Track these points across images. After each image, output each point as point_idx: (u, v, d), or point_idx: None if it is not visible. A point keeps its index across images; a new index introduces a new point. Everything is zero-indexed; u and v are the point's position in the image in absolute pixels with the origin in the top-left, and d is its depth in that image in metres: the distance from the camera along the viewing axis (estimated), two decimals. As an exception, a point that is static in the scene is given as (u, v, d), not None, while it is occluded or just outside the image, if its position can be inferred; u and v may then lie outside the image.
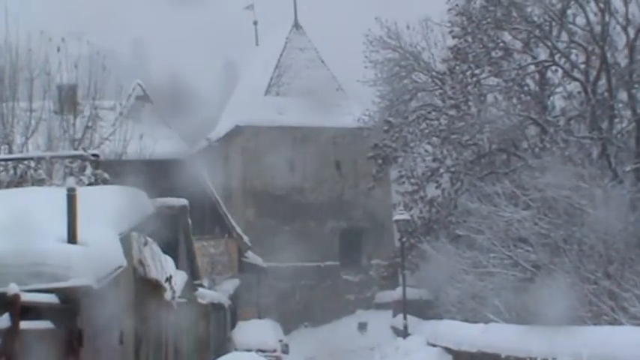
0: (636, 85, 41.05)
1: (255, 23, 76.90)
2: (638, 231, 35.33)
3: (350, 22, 71.01)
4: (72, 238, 12.29)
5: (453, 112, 46.83)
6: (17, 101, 33.70)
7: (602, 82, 41.79)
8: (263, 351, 39.49)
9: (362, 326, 58.55)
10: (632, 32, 40.88)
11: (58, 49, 33.65)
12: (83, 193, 13.26)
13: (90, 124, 34.92)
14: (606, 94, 41.66)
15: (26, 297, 10.64)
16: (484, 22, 44.52)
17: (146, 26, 62.39)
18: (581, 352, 25.17)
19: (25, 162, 26.78)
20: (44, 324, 10.95)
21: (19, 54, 33.46)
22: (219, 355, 34.21)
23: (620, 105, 41.63)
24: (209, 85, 72.40)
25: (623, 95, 41.51)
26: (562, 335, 27.76)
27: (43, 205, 13.33)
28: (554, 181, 36.89)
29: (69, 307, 11.37)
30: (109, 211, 14.03)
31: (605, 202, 35.82)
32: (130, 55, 45.44)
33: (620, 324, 27.98)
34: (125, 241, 14.71)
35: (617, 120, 41.38)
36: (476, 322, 37.39)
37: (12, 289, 10.45)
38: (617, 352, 23.26)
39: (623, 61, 41.45)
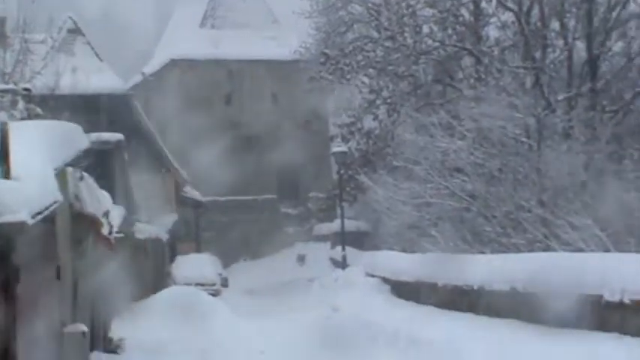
0: (568, 15, 41.27)
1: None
2: (571, 159, 35.74)
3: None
4: (5, 173, 12.32)
5: (389, 44, 46.97)
6: None
7: (535, 11, 41.96)
8: (202, 285, 39.57)
9: (301, 258, 58.85)
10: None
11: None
12: (15, 128, 13.28)
13: (20, 57, 34.71)
14: (539, 23, 41.87)
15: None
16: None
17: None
18: (515, 279, 25.58)
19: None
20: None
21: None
22: (158, 290, 34.34)
23: (553, 34, 41.86)
24: (143, 17, 71.77)
25: (555, 25, 41.74)
26: (497, 262, 28.18)
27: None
28: (489, 111, 37.18)
29: (3, 243, 11.43)
30: (43, 146, 14.04)
31: (539, 131, 36.26)
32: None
33: (554, 250, 28.38)
34: (60, 176, 14.74)
35: (549, 49, 41.62)
36: (413, 252, 37.77)
37: None
38: (549, 277, 23.64)
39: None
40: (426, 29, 47.01)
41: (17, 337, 11.78)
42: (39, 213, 12.26)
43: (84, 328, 15.66)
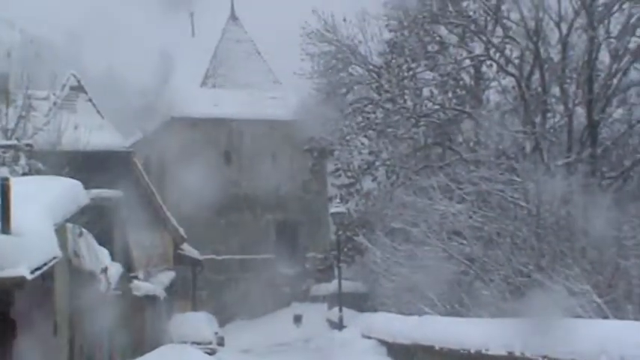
0: (568, 81, 41.46)
1: (192, 14, 76.81)
2: (569, 225, 35.73)
3: (287, 15, 71.06)
4: (5, 228, 12.33)
5: (389, 106, 47.10)
6: None
7: (536, 77, 42.17)
8: (198, 343, 39.49)
9: (297, 319, 58.70)
10: (564, 28, 41.28)
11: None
12: (17, 183, 13.30)
13: (23, 113, 34.82)
14: (539, 89, 42.06)
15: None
16: (420, 16, 44.76)
17: (81, 16, 62.10)
18: (514, 344, 25.50)
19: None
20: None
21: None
22: (154, 347, 34.24)
23: (553, 100, 42.04)
24: (145, 75, 72.06)
25: (555, 90, 41.92)
26: (495, 327, 28.10)
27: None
28: (488, 175, 37.26)
29: (1, 297, 11.42)
30: (44, 202, 14.06)
31: (538, 196, 36.25)
32: (65, 45, 45.09)
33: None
34: (60, 231, 14.74)
35: (549, 115, 41.79)
36: (410, 314, 37.67)
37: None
38: (548, 342, 23.59)
39: (556, 57, 41.82)
40: (426, 92, 47.23)
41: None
42: (38, 268, 12.26)
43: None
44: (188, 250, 57.92)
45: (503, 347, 26.09)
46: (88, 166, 26.88)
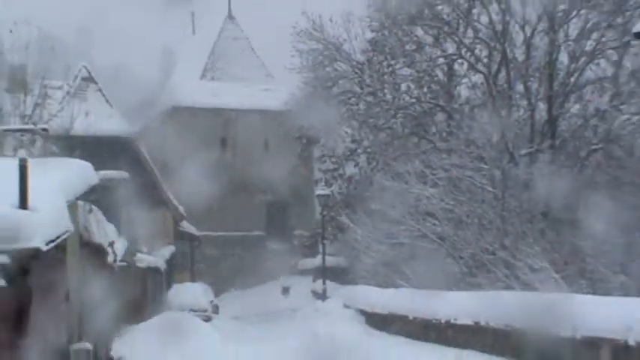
0: (531, 79, 41.54)
1: (192, 14, 76.73)
2: (531, 208, 35.84)
3: (279, 14, 70.98)
4: (22, 204, 12.36)
5: (370, 99, 47.19)
6: None
7: (502, 74, 42.25)
8: (195, 311, 39.47)
9: (285, 290, 58.72)
10: (528, 31, 41.37)
11: (11, 31, 33.64)
12: (33, 164, 13.32)
13: (39, 101, 34.93)
14: (505, 85, 42.14)
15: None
16: (399, 18, 44.81)
17: (90, 14, 61.85)
18: (479, 313, 25.63)
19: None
20: (-4, 282, 11.03)
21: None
22: (155, 314, 34.30)
23: (518, 96, 42.09)
24: (149, 69, 71.98)
25: (520, 87, 41.98)
26: (464, 299, 28.22)
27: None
28: (459, 162, 37.35)
29: (19, 267, 11.44)
30: (57, 181, 14.08)
31: (503, 182, 36.38)
32: (76, 41, 44.99)
33: (513, 289, 28.45)
34: (72, 208, 14.77)
35: (514, 109, 41.79)
36: (387, 287, 37.79)
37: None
38: (508, 312, 23.73)
39: (520, 57, 41.90)
40: (403, 87, 47.27)
41: (28, 353, 11.78)
42: (52, 241, 12.29)
43: (89, 346, 15.66)
44: (187, 226, 57.94)
45: (470, 317, 26.24)
46: (97, 150, 26.90)
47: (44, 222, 12.20)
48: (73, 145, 28.64)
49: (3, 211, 11.89)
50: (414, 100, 46.19)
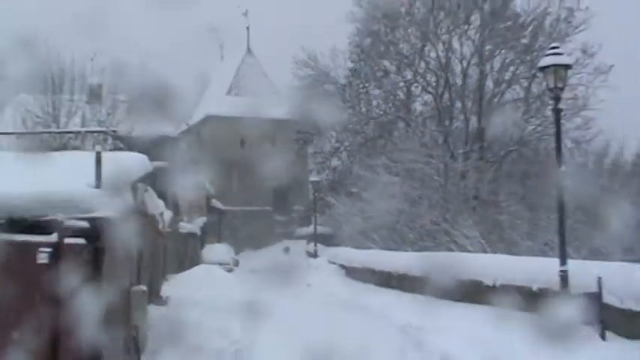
0: (467, 98, 41.68)
1: (222, 45, 76.56)
2: (465, 192, 36.00)
3: (284, 47, 71.17)
4: (98, 185, 12.44)
5: (350, 111, 47.32)
6: (62, 94, 34.17)
7: (446, 95, 42.39)
8: (221, 264, 39.49)
9: (286, 250, 58.67)
10: (464, 64, 41.68)
11: (92, 60, 33.95)
12: (105, 156, 13.40)
13: (110, 111, 35.08)
14: (448, 103, 42.28)
15: (68, 222, 10.78)
16: (372, 52, 44.84)
17: (145, 46, 61.94)
18: (429, 269, 25.69)
19: (67, 134, 26.90)
20: (79, 241, 11.08)
21: (65, 63, 34.03)
22: (192, 266, 34.30)
23: (457, 110, 42.23)
24: (190, 86, 71.98)
25: (458, 104, 42.12)
26: (416, 258, 28.27)
27: (79, 163, 13.45)
28: (414, 158, 37.47)
29: (95, 231, 11.50)
30: (123, 169, 14.12)
31: (445, 172, 36.54)
32: (136, 64, 45.24)
33: (452, 251, 28.57)
34: (133, 188, 14.81)
35: (454, 120, 41.98)
36: (361, 248, 37.89)
37: (60, 216, 10.58)
38: (449, 267, 23.80)
39: (459, 82, 42.05)
40: (374, 103, 47.48)
41: (101, 295, 11.86)
42: (119, 211, 12.34)
43: (144, 288, 15.69)
44: (215, 203, 57.93)
45: (420, 271, 26.30)
46: (151, 146, 26.87)
47: (113, 198, 12.26)
48: (134, 142, 28.63)
49: (84, 190, 11.97)
50: (381, 113, 46.37)
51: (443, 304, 22.05)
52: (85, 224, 11.15)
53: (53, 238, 10.26)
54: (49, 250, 10.00)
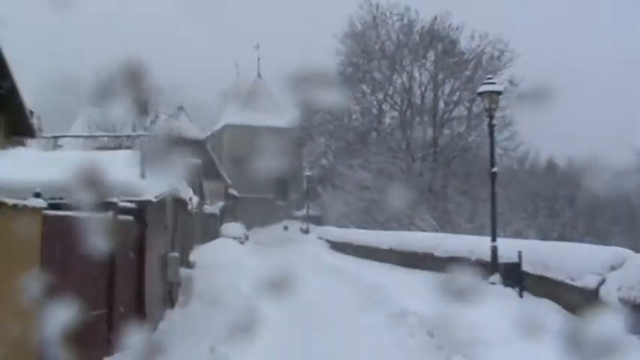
0: (424, 115, 41.84)
1: (238, 73, 76.55)
2: (421, 185, 36.08)
3: (283, 72, 70.80)
4: (143, 175, 12.54)
5: (336, 123, 47.25)
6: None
7: (409, 112, 42.49)
8: (235, 238, 39.56)
9: (285, 228, 58.80)
10: (422, 88, 41.91)
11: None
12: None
13: (153, 119, 35.27)
14: (410, 118, 42.41)
15: (121, 204, 10.88)
16: (353, 79, 44.81)
17: (179, 68, 61.97)
18: (390, 243, 25.84)
19: (121, 137, 27.01)
20: (129, 218, 11.18)
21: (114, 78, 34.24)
22: (213, 239, 34.42)
23: (417, 123, 42.32)
24: (212, 104, 71.99)
25: (418, 119, 42.25)
26: (384, 235, 28.39)
27: (129, 159, 13.54)
28: (383, 159, 37.66)
29: (141, 210, 11.59)
30: (162, 164, 14.20)
31: (407, 171, 36.69)
32: (167, 83, 45.43)
33: (411, 230, 28.71)
34: (170, 178, 14.89)
35: (415, 131, 42.03)
36: (342, 227, 38.00)
37: (114, 200, 10.69)
38: (409, 243, 23.93)
39: (418, 102, 42.22)
40: (354, 116, 47.29)
41: (145, 259, 11.96)
42: (158, 196, 12.42)
43: (177, 254, 15.80)
44: (232, 191, 58.02)
45: (387, 245, 26.46)
46: (186, 146, 26.98)
47: (154, 185, 12.35)
48: (170, 143, 28.80)
49: (133, 179, 12.08)
50: (359, 124, 46.31)
51: (403, 270, 22.22)
52: (133, 205, 11.26)
53: (110, 215, 10.36)
54: (106, 225, 10.09)
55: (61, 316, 7.98)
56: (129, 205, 11.19)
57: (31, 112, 15.03)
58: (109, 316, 10.06)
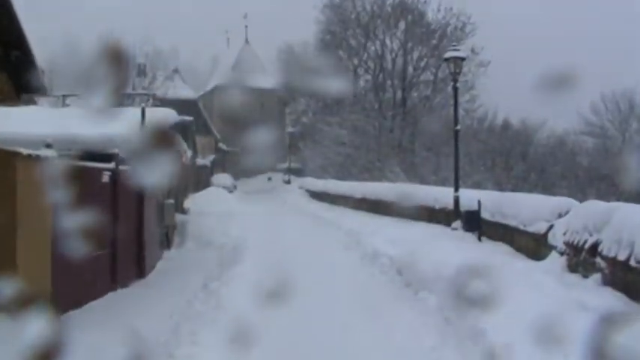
0: (394, 79, 41.74)
1: (228, 39, 75.51)
2: (392, 141, 36.16)
3: (271, 38, 70.27)
4: (143, 129, 12.42)
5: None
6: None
7: (381, 76, 42.31)
8: (224, 187, 39.51)
9: (269, 179, 58.76)
10: (393, 54, 41.76)
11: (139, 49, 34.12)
12: (149, 111, 13.35)
13: (150, 80, 35.07)
14: (382, 81, 42.31)
15: (122, 154, 10.77)
16: (331, 45, 44.31)
17: (176, 33, 60.86)
18: (364, 193, 25.93)
19: (122, 96, 26.65)
20: (126, 167, 11.08)
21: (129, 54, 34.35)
22: (204, 188, 34.32)
23: (388, 86, 42.22)
24: (208, 65, 71.20)
25: (389, 82, 42.14)
26: (357, 185, 28.48)
27: (130, 115, 13.39)
28: (357, 117, 37.59)
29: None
30: (160, 119, 14.08)
31: (380, 128, 36.65)
32: (168, 49, 44.76)
33: (381, 181, 28.79)
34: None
35: (386, 93, 42.00)
36: (320, 178, 38.06)
37: (115, 150, 10.57)
38: (380, 192, 24.01)
39: (389, 67, 42.06)
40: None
41: (145, 204, 11.89)
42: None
43: (172, 201, 15.75)
44: (221, 145, 57.75)
45: (361, 194, 26.56)
46: (178, 106, 26.69)
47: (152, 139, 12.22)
48: (166, 103, 28.51)
49: (133, 132, 11.93)
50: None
51: (374, 216, 22.35)
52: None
53: (112, 165, 10.26)
54: (109, 173, 10.01)
55: (69, 253, 7.95)
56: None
57: (42, 72, 14.75)
58: (112, 256, 10.04)
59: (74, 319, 7.45)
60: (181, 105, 36.72)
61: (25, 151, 6.91)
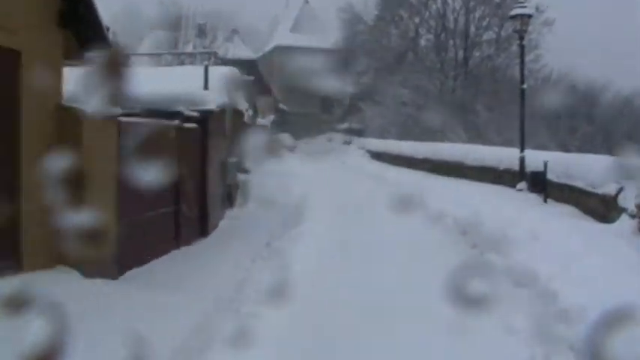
0: (456, 38, 40.82)
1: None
2: (454, 102, 35.42)
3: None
4: (206, 87, 12.40)
5: (375, 44, 46.34)
6: (180, 30, 34.70)
7: (443, 35, 41.35)
8: (286, 146, 39.62)
9: (330, 139, 58.50)
10: (455, 14, 41.16)
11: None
12: (211, 69, 13.31)
13: (212, 40, 35.27)
14: (444, 40, 41.49)
15: (186, 112, 10.79)
16: (392, 4, 43.48)
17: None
18: (426, 153, 25.45)
19: (183, 55, 26.86)
20: (193, 125, 11.10)
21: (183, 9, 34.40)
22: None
23: (450, 45, 41.26)
24: (266, 27, 71.03)
25: (451, 42, 41.16)
26: (420, 146, 28.08)
27: (194, 74, 13.39)
28: (419, 77, 36.99)
29: (204, 118, 11.51)
30: (222, 77, 14.04)
31: (441, 88, 35.98)
32: (230, 9, 44.86)
33: (443, 142, 28.20)
34: (229, 91, 14.74)
35: (448, 52, 41.08)
36: (382, 139, 37.76)
37: (181, 109, 10.60)
38: (443, 152, 23.48)
39: (451, 27, 41.24)
40: (393, 38, 45.83)
41: (208, 162, 11.93)
42: (219, 106, 12.31)
43: (235, 159, 15.81)
44: (282, 106, 57.83)
45: (422, 154, 26.20)
46: (240, 65, 26.67)
47: (215, 96, 12.22)
48: (228, 62, 28.51)
49: (196, 90, 11.97)
50: (397, 45, 45.13)
51: (437, 177, 22.00)
52: (196, 114, 11.17)
53: (177, 122, 10.30)
54: (174, 130, 10.04)
55: (134, 210, 7.99)
56: (193, 113, 11.10)
57: (108, 29, 14.84)
58: (176, 214, 10.10)
59: (139, 278, 7.52)
60: (241, 65, 36.64)
61: (91, 108, 6.92)
